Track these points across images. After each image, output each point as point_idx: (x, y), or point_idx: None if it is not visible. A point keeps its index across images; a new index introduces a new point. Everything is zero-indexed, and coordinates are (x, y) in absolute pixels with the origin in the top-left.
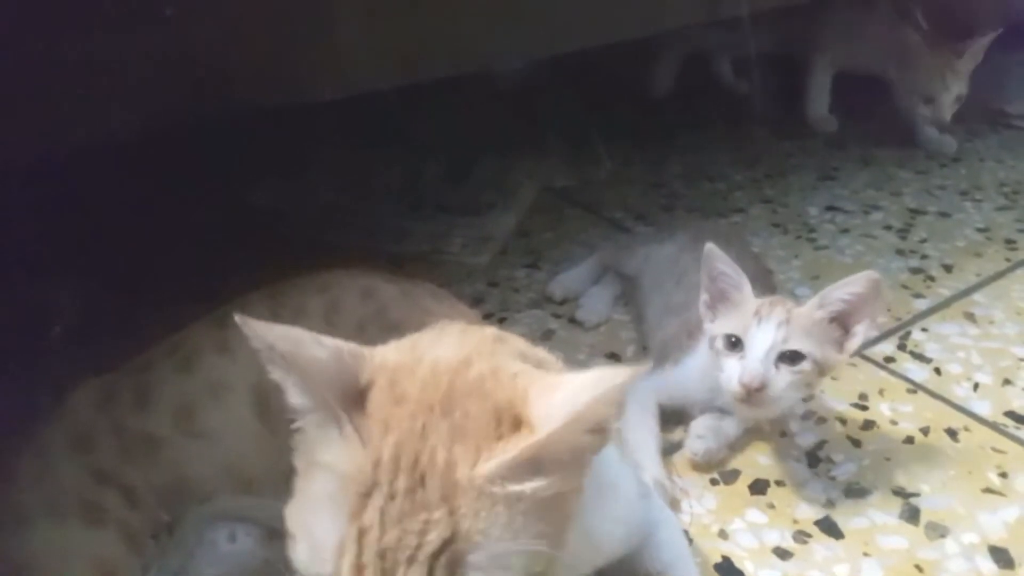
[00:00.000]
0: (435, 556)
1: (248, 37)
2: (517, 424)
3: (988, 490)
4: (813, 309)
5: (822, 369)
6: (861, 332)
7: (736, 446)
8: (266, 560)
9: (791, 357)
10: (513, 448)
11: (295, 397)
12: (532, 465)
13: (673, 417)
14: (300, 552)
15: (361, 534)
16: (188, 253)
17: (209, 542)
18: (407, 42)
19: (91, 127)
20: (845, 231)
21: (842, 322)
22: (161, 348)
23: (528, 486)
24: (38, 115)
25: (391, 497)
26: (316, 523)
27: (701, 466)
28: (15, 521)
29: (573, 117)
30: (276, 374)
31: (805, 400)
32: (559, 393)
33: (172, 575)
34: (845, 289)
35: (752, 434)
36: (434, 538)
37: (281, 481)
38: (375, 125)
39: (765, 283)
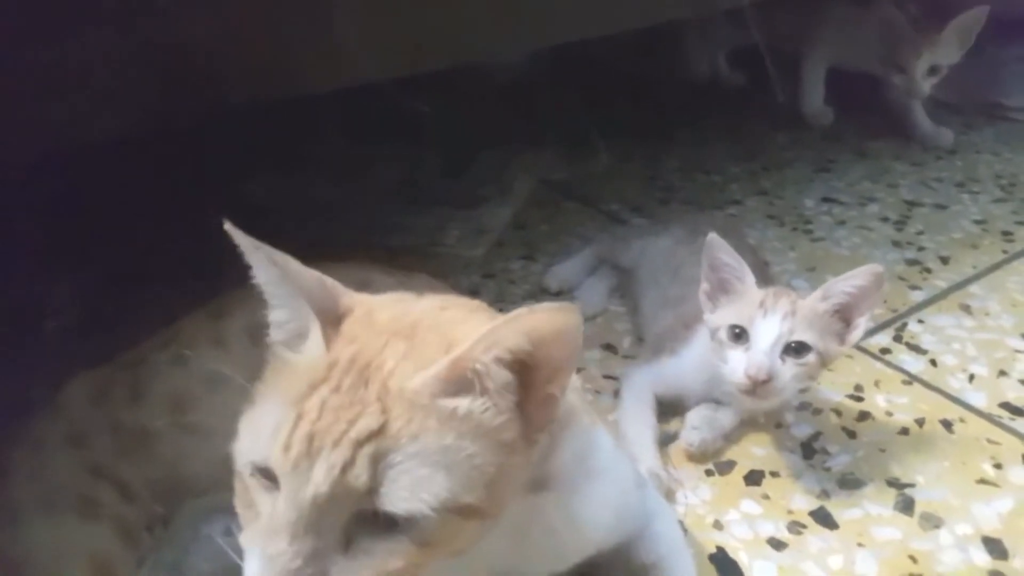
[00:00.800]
0: (359, 444)
1: (244, 31)
2: None
3: (983, 481)
4: (817, 301)
5: (824, 361)
6: (862, 325)
7: (731, 437)
8: None
9: (797, 349)
10: (439, 364)
11: (277, 302)
12: (459, 384)
13: (669, 408)
14: (241, 442)
15: (299, 417)
16: (183, 247)
17: (204, 536)
18: (403, 35)
19: (86, 123)
20: (841, 223)
21: (843, 314)
22: (155, 341)
23: (459, 403)
24: (34, 112)
25: (335, 390)
26: (260, 414)
27: (696, 457)
28: (10, 516)
29: (570, 110)
30: (263, 276)
31: (802, 391)
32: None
33: (167, 569)
34: (849, 282)
35: (747, 425)
36: (362, 427)
37: None
38: (372, 119)
39: (762, 275)
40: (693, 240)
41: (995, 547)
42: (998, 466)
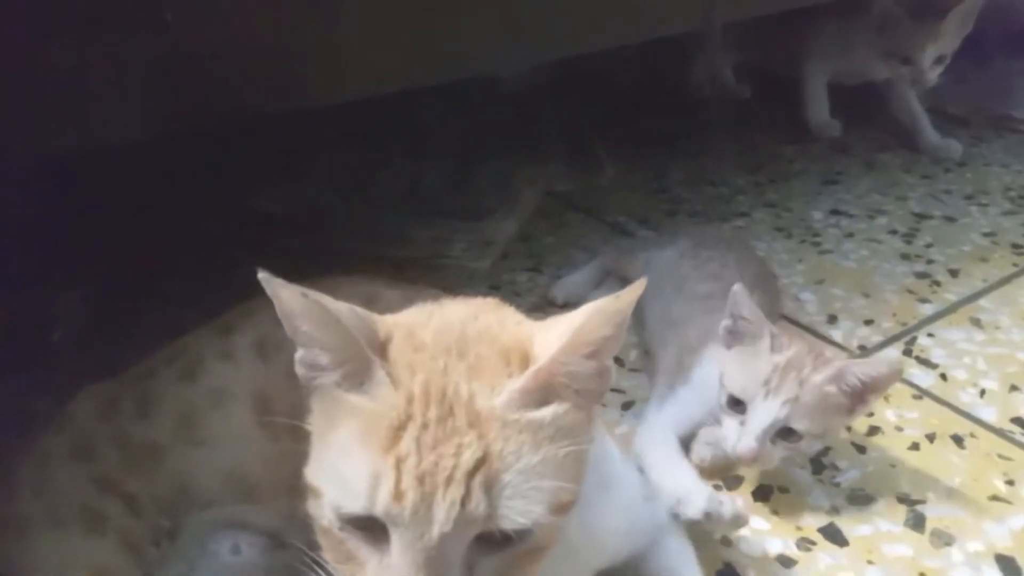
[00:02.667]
0: (470, 474)
1: (250, 42)
2: (525, 362)
3: (995, 498)
4: (827, 383)
5: (824, 436)
6: (873, 401)
7: None
8: (268, 570)
9: (789, 433)
10: (523, 379)
11: (322, 348)
12: (543, 392)
13: None
14: (328, 497)
15: (399, 462)
16: (189, 258)
17: (212, 553)
18: (408, 47)
19: (92, 131)
20: (849, 235)
21: (854, 393)
22: (162, 355)
23: (544, 412)
24: (41, 120)
25: (424, 427)
26: (345, 465)
27: (706, 472)
28: (15, 529)
29: (575, 122)
30: (307, 326)
31: None
32: (557, 326)
33: None
34: (866, 370)
35: None
36: (468, 458)
37: (283, 488)
38: (377, 130)
39: (769, 288)
40: (698, 253)
41: (1008, 565)
42: (1010, 482)
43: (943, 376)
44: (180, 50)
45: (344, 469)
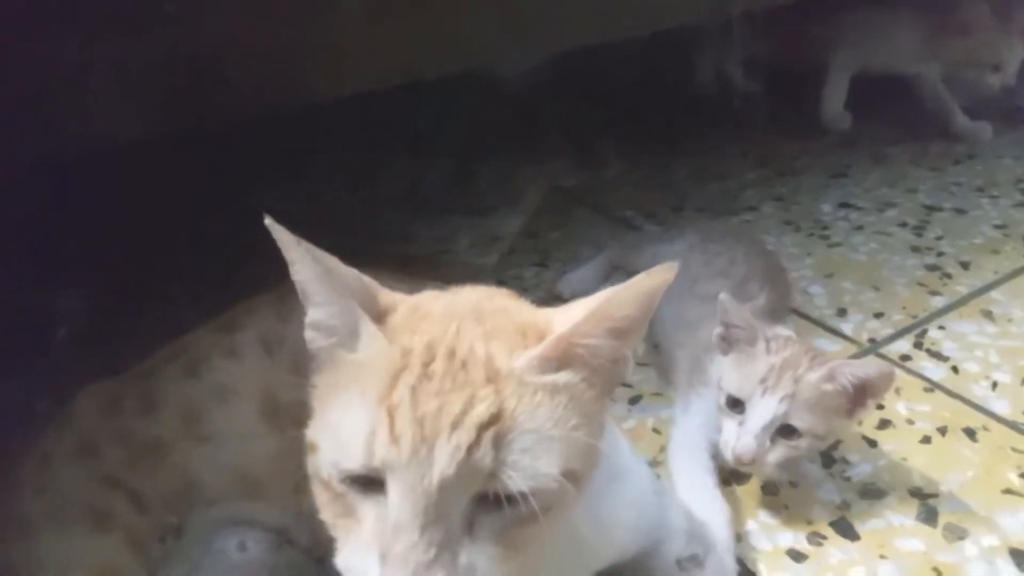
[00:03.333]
0: (483, 427)
1: (252, 39)
2: (542, 339)
3: (1008, 491)
4: (822, 380)
5: (825, 436)
6: (872, 405)
7: None
8: (274, 567)
9: (789, 431)
10: (542, 344)
11: (319, 300)
12: (561, 361)
13: None
14: (325, 454)
15: (391, 409)
16: (193, 256)
17: (217, 551)
18: (411, 42)
19: (95, 129)
20: (859, 228)
21: (851, 394)
22: (166, 352)
23: (561, 377)
24: (42, 118)
25: (425, 377)
26: (343, 421)
27: (724, 470)
28: (21, 528)
29: (580, 116)
30: (305, 273)
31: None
32: (577, 306)
33: None
34: (856, 370)
35: None
36: (483, 410)
37: (289, 484)
38: (381, 126)
39: (779, 282)
40: (706, 247)
41: (1022, 559)
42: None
43: (955, 369)
44: (181, 48)
45: (342, 426)
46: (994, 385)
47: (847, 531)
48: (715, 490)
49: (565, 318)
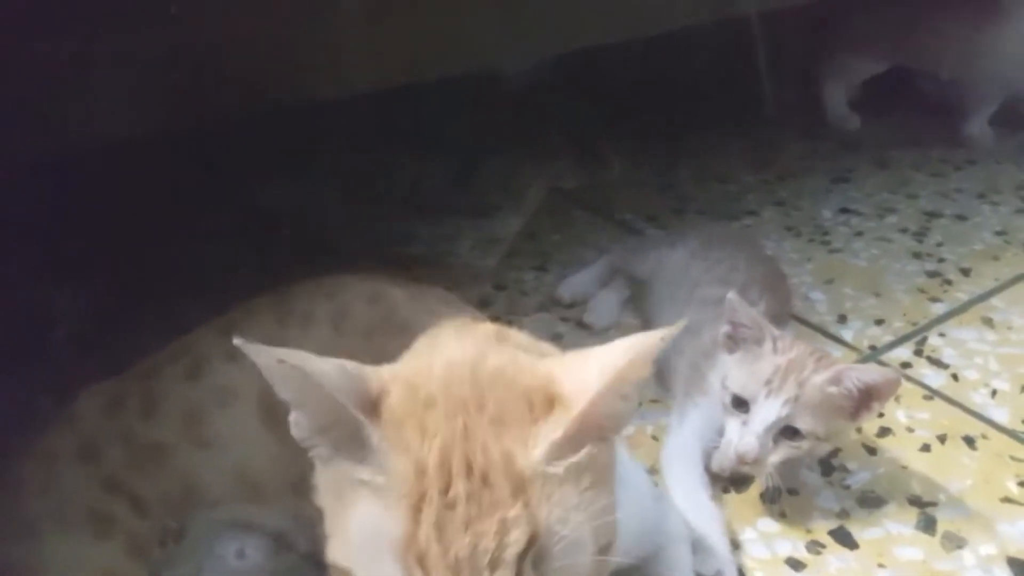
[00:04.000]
0: (523, 556)
1: (253, 37)
2: (549, 404)
3: (1007, 500)
4: (827, 383)
5: (828, 438)
6: (877, 408)
7: None
8: (273, 573)
9: (792, 432)
10: (559, 425)
11: (310, 414)
12: (579, 438)
13: None
14: None
15: (421, 559)
16: (194, 255)
17: (218, 557)
18: (413, 42)
19: (95, 127)
20: (859, 234)
21: (856, 397)
22: (167, 354)
23: (582, 456)
24: (42, 115)
25: (449, 507)
26: (370, 558)
27: (723, 478)
28: (23, 531)
29: (581, 118)
30: (287, 393)
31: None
32: (589, 365)
33: None
34: (862, 376)
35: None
36: (519, 536)
37: (289, 488)
38: (381, 127)
39: (779, 288)
40: (707, 253)
41: (1020, 568)
42: (1023, 484)
43: (954, 376)
44: (182, 46)
45: (371, 565)
46: (993, 393)
47: (846, 540)
48: (709, 501)
49: (578, 384)
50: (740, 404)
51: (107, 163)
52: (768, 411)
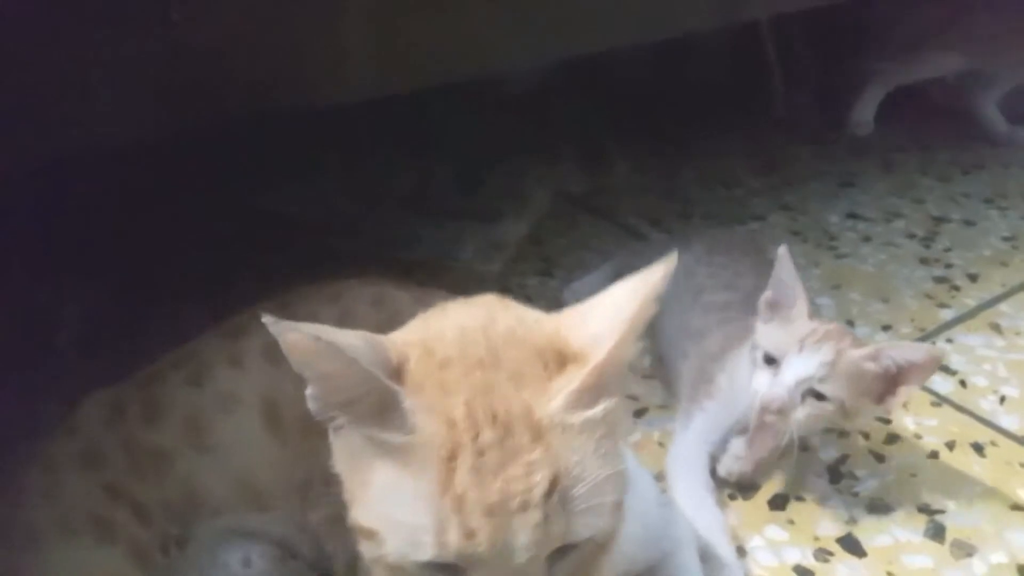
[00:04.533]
0: (548, 496)
1: (257, 40)
2: (562, 360)
3: (1016, 507)
4: (865, 359)
5: (852, 416)
6: (904, 394)
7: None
8: None
9: (819, 395)
10: (575, 379)
11: (335, 388)
12: (596, 390)
13: None
14: (391, 545)
15: (460, 502)
16: (197, 260)
17: (223, 565)
18: (418, 46)
19: (99, 130)
20: (867, 239)
21: (889, 377)
22: (170, 359)
23: (597, 410)
24: (45, 118)
25: (479, 453)
26: (400, 512)
27: (730, 485)
28: (26, 538)
29: (587, 122)
30: (317, 369)
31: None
32: (597, 315)
33: None
34: (903, 353)
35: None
36: (541, 478)
37: (294, 495)
38: (386, 131)
39: None
40: (712, 259)
41: None
42: None
43: (963, 383)
44: (185, 49)
45: (401, 517)
46: (1002, 399)
47: (854, 547)
48: (715, 506)
49: (589, 337)
50: (770, 362)
51: (110, 167)
52: (801, 366)
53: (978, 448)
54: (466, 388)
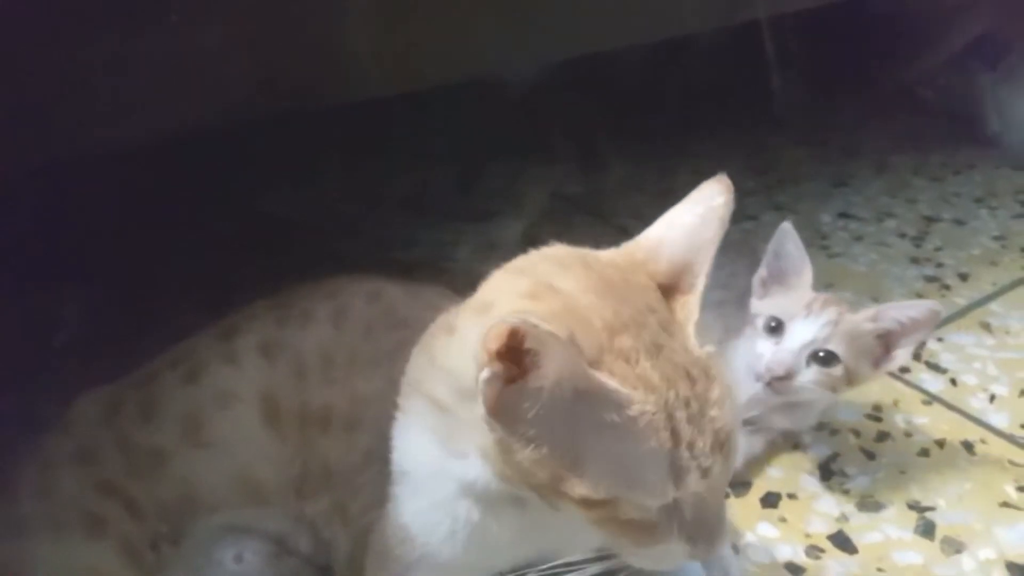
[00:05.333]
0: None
1: (257, 40)
2: (670, 291)
3: (1005, 504)
4: (864, 320)
5: (851, 379)
6: (901, 356)
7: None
8: None
9: (825, 359)
10: (692, 312)
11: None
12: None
13: None
14: (631, 503)
15: (691, 448)
16: (195, 261)
17: (216, 562)
18: (416, 48)
19: (97, 133)
20: (859, 239)
21: (887, 340)
22: (166, 358)
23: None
24: (44, 120)
25: (686, 405)
26: (634, 472)
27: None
28: (15, 534)
29: (582, 123)
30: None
31: (822, 414)
32: (674, 241)
33: None
34: (904, 311)
35: (766, 446)
36: (729, 406)
37: (291, 490)
38: (383, 132)
39: None
40: None
41: (1019, 573)
42: (1021, 489)
43: (953, 381)
44: (186, 50)
45: (636, 476)
46: (992, 398)
47: (845, 544)
48: None
49: (671, 265)
50: (774, 329)
51: (109, 168)
52: (806, 329)
53: (968, 446)
54: (643, 351)
